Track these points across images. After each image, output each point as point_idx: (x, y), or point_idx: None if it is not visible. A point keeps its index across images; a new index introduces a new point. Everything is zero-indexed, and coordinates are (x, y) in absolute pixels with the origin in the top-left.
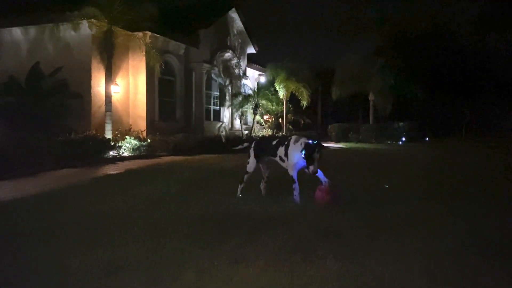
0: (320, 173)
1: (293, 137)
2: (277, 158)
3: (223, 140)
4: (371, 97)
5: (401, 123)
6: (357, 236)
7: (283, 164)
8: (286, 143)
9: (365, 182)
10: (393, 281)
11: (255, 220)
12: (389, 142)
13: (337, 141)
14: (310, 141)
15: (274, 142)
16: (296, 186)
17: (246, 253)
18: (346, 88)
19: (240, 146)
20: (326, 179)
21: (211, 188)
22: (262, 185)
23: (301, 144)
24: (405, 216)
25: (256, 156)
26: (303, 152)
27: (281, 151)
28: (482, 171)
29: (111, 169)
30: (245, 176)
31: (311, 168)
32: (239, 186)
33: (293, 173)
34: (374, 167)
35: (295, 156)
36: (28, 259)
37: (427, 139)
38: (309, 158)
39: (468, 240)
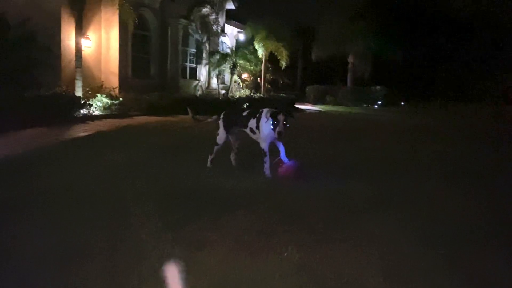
0: (282, 151)
1: (265, 110)
2: (248, 130)
3: (190, 115)
4: (350, 59)
5: (378, 87)
6: (320, 219)
7: (254, 136)
8: (258, 115)
9: (334, 153)
10: (351, 276)
11: (221, 198)
12: (365, 105)
13: (314, 103)
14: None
15: (245, 114)
16: (267, 159)
17: (209, 238)
18: (326, 49)
19: (209, 120)
20: (285, 158)
21: (182, 156)
22: (232, 156)
23: (267, 114)
24: (371, 197)
25: (225, 128)
26: (271, 120)
27: (252, 123)
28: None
29: (81, 130)
30: (215, 148)
31: (277, 129)
32: (209, 157)
33: (264, 146)
34: (345, 135)
35: (266, 128)
36: None
37: (403, 103)
38: (274, 122)
39: (434, 232)
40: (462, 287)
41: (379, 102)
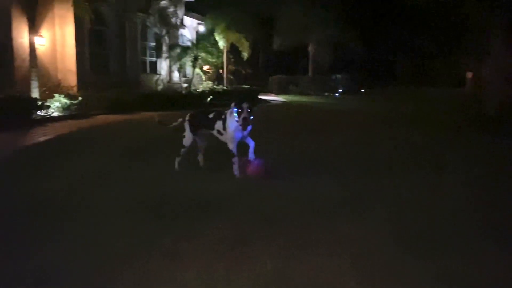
0: (251, 148)
1: (229, 110)
2: (215, 132)
3: (156, 120)
4: (310, 48)
5: (338, 75)
6: (294, 224)
7: (221, 138)
8: (223, 116)
9: (303, 149)
10: (326, 284)
11: (194, 205)
12: (326, 94)
13: (277, 94)
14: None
15: (211, 116)
16: (235, 159)
17: (184, 250)
18: (287, 38)
19: (174, 124)
20: (253, 156)
21: (149, 160)
22: (199, 157)
23: (231, 112)
24: (344, 196)
25: (192, 130)
26: (235, 111)
27: (219, 124)
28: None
29: (39, 135)
30: (182, 150)
31: (242, 115)
32: (176, 159)
33: (232, 146)
34: (312, 128)
35: (233, 126)
36: None
37: (362, 90)
38: (239, 110)
39: (403, 230)
40: None
41: (340, 90)
